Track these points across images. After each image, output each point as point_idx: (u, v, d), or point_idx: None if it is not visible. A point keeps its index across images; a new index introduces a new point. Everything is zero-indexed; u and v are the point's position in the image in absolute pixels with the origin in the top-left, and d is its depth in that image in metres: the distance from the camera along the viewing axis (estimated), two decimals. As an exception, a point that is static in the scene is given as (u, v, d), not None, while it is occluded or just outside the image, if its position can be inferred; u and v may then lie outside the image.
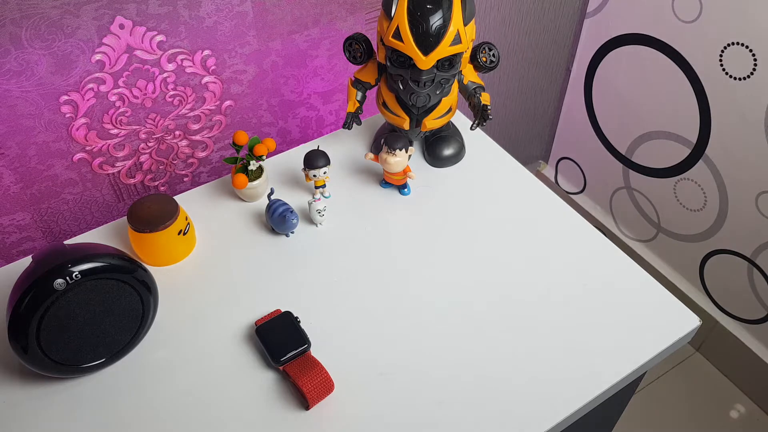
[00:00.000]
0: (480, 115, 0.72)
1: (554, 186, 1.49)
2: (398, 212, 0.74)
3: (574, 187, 1.45)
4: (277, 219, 0.68)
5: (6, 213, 0.76)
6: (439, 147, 0.79)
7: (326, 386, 0.56)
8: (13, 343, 0.53)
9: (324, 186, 0.74)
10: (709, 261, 1.20)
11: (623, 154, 1.27)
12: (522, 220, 0.73)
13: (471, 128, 0.75)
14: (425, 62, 0.66)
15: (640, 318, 0.63)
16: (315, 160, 0.71)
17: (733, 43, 0.97)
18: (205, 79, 0.81)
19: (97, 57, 0.71)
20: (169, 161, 0.86)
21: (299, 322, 0.60)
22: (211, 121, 0.85)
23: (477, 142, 0.83)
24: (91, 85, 0.72)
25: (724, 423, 1.20)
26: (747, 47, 0.95)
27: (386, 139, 0.71)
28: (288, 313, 0.61)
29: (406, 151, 0.71)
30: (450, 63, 0.68)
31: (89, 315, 0.56)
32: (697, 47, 1.03)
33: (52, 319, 0.54)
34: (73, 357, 0.57)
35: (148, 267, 0.60)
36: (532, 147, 1.44)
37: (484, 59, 0.73)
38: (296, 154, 0.81)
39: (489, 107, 0.72)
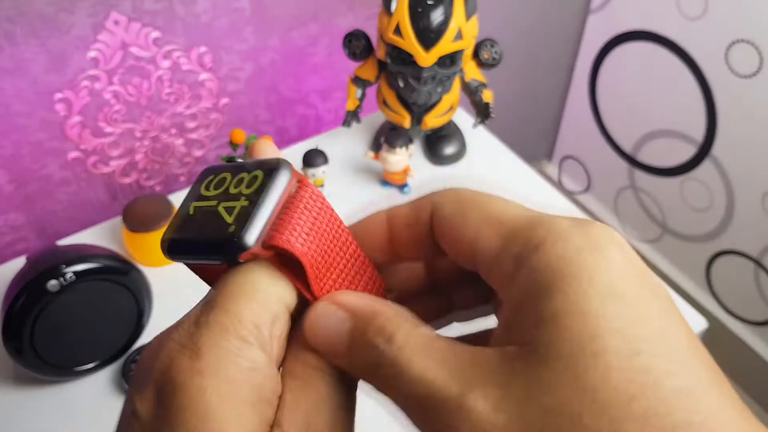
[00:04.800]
0: (482, 113, 0.71)
1: (558, 185, 1.48)
2: (398, 212, 0.73)
3: (578, 186, 1.44)
4: (275, 219, 0.67)
5: None
6: (441, 145, 0.78)
7: None
8: (6, 345, 0.53)
9: (323, 185, 0.73)
10: (715, 262, 1.18)
11: (628, 153, 1.26)
12: (525, 220, 0.72)
13: (473, 126, 0.74)
14: (426, 59, 0.65)
15: (646, 320, 0.61)
16: (313, 158, 0.70)
17: (739, 40, 0.96)
18: (202, 77, 0.80)
19: (92, 54, 0.70)
20: (165, 160, 0.85)
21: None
22: (207, 120, 0.84)
23: (479, 140, 0.82)
24: (85, 83, 0.71)
25: (730, 425, 1.18)
26: (753, 45, 0.94)
27: (386, 138, 0.70)
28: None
29: (407, 150, 0.70)
30: (451, 60, 0.67)
31: (84, 316, 0.55)
32: (703, 44, 1.01)
33: (46, 320, 0.53)
34: (67, 359, 0.56)
35: (143, 267, 0.59)
36: (535, 145, 1.43)
37: (486, 56, 0.72)
38: (294, 153, 0.80)
39: (491, 105, 0.71)
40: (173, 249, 0.18)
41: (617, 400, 0.13)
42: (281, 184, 0.17)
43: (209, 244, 0.17)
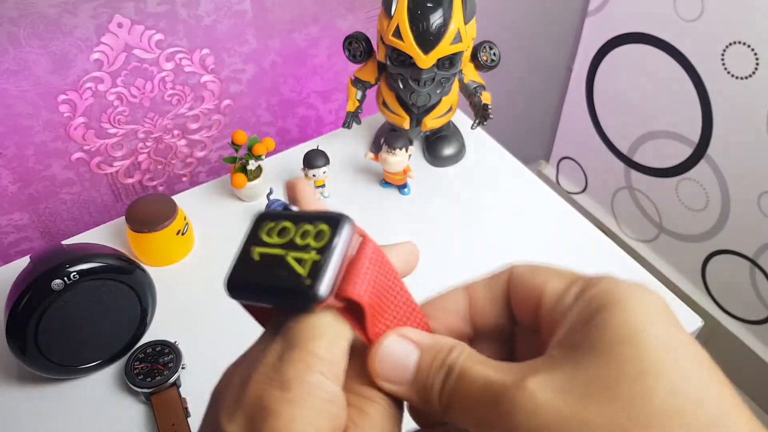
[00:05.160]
0: (481, 115, 0.72)
1: (555, 186, 1.48)
2: (398, 212, 0.74)
3: (575, 186, 1.44)
4: (277, 219, 0.68)
5: (4, 213, 0.76)
6: (440, 146, 0.79)
7: None
8: (11, 344, 0.53)
9: (323, 186, 0.74)
10: (711, 261, 1.19)
11: (625, 153, 1.26)
12: (523, 219, 0.72)
13: (472, 127, 0.75)
14: (425, 61, 0.66)
15: (642, 319, 0.62)
16: (314, 159, 0.70)
17: (735, 42, 0.97)
18: (204, 78, 0.80)
19: (95, 56, 0.70)
20: (168, 161, 0.85)
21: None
22: (209, 121, 0.85)
23: (478, 141, 0.82)
24: (89, 84, 0.72)
25: (726, 424, 1.19)
26: (749, 46, 0.95)
27: (386, 139, 0.71)
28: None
29: (406, 151, 0.71)
30: (450, 62, 0.68)
31: (87, 315, 0.55)
32: (699, 46, 1.02)
33: (50, 319, 0.53)
34: (71, 358, 0.56)
35: (146, 267, 0.59)
36: (533, 146, 1.44)
37: (485, 58, 0.73)
38: (295, 154, 0.80)
39: (490, 106, 0.72)
40: (237, 289, 0.20)
41: (639, 376, 0.16)
42: (347, 239, 0.19)
43: (283, 292, 0.19)
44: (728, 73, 1.00)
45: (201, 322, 0.63)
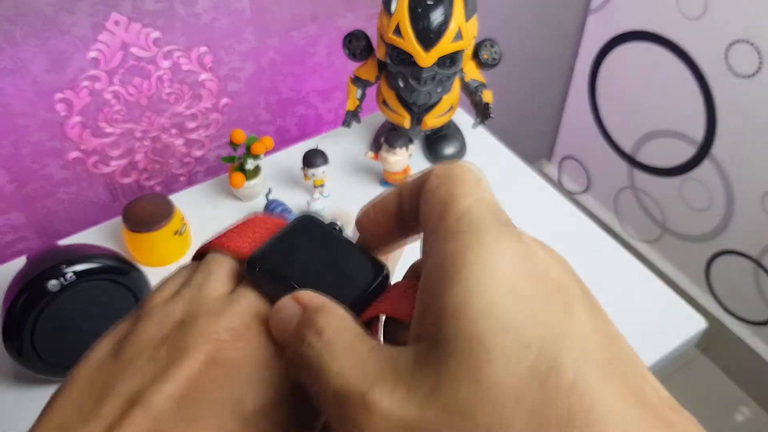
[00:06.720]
0: (482, 113, 0.71)
1: (558, 185, 1.48)
2: (398, 212, 0.73)
3: (577, 186, 1.44)
4: (275, 219, 0.67)
5: (0, 213, 0.76)
6: (440, 146, 0.78)
7: None
8: (7, 345, 0.53)
9: (323, 185, 0.73)
10: (715, 262, 1.18)
11: (628, 153, 1.26)
12: (525, 219, 0.72)
13: (473, 126, 0.74)
14: (426, 59, 0.65)
15: (646, 319, 0.62)
16: (313, 159, 0.70)
17: (738, 40, 0.96)
18: (202, 77, 0.80)
19: (92, 54, 0.70)
20: (165, 160, 0.85)
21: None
22: (207, 120, 0.84)
23: (479, 140, 0.82)
24: (85, 83, 0.71)
25: (729, 425, 1.19)
26: (753, 44, 0.94)
27: (386, 138, 0.71)
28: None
29: (407, 150, 0.70)
30: (451, 60, 0.67)
31: (84, 316, 0.55)
32: (703, 44, 1.02)
33: (46, 320, 0.53)
34: (68, 359, 0.56)
35: (143, 268, 0.59)
36: (535, 145, 1.43)
37: (486, 56, 0.72)
38: (294, 153, 0.80)
39: (491, 105, 0.71)
40: (261, 265, 0.21)
41: (507, 399, 0.14)
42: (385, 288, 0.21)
43: (344, 278, 0.21)
44: (732, 71, 0.99)
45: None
